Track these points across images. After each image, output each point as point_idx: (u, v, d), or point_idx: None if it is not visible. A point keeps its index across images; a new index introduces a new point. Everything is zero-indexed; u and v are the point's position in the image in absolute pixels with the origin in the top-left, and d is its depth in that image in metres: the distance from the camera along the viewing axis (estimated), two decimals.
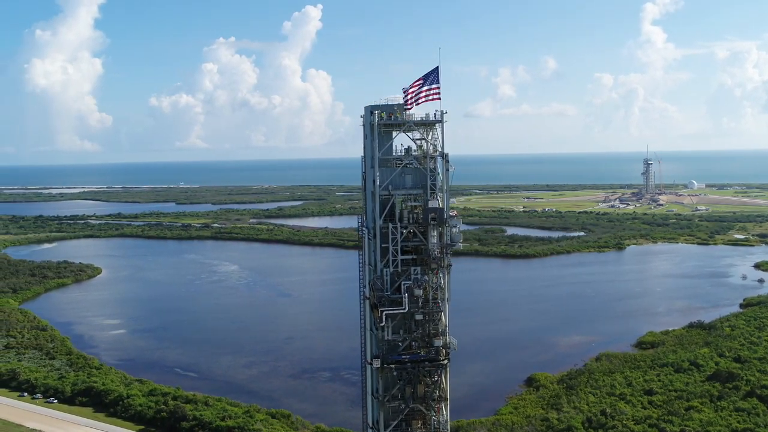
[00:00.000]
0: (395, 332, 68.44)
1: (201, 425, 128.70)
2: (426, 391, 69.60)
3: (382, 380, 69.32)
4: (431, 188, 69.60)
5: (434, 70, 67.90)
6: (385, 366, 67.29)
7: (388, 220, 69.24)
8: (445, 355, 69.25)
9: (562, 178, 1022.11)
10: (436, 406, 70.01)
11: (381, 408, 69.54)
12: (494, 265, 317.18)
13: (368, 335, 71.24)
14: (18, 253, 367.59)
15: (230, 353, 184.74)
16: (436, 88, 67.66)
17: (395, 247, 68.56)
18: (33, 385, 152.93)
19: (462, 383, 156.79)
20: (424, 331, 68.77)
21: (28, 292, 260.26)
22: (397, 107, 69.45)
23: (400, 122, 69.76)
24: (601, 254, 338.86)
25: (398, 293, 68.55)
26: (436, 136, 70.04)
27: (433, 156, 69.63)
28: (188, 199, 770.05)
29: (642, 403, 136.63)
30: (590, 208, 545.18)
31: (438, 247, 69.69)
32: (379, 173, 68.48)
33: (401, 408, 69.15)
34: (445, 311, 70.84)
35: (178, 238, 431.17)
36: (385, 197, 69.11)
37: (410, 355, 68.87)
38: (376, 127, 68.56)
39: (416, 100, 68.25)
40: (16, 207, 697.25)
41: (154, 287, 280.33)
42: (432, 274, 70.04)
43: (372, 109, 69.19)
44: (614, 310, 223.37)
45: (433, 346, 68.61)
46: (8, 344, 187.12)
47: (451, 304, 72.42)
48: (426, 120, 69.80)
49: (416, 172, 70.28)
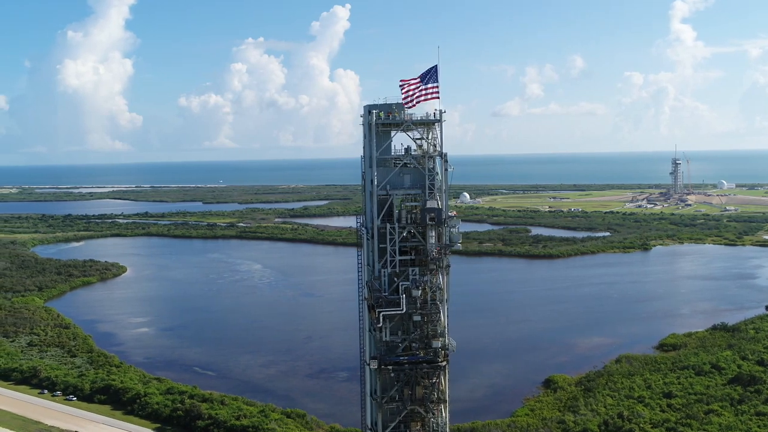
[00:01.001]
0: (393, 333, 68.03)
1: (216, 424, 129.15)
2: (424, 392, 69.02)
3: (380, 382, 68.91)
4: (430, 188, 68.99)
5: (432, 69, 67.32)
6: (382, 367, 66.82)
7: (386, 220, 68.78)
8: (443, 357, 68.55)
9: (589, 177, 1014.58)
10: (434, 408, 69.38)
11: (379, 409, 69.14)
12: (517, 266, 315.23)
13: (367, 336, 70.86)
14: (45, 252, 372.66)
15: (249, 352, 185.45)
16: (435, 87, 67.07)
17: (393, 247, 68.07)
18: (53, 383, 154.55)
19: (479, 384, 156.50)
20: (423, 333, 68.20)
21: (53, 290, 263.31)
22: (396, 106, 68.95)
23: (398, 122, 69.30)
24: (626, 255, 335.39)
25: (396, 294, 68.04)
26: (435, 136, 69.44)
27: (432, 156, 69.00)
28: (215, 199, 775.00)
29: (660, 406, 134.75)
30: (617, 208, 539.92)
31: (436, 248, 68.97)
32: (377, 173, 68.06)
33: (399, 410, 68.68)
34: (444, 312, 70.20)
35: (203, 237, 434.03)
36: (383, 197, 68.65)
37: (408, 357, 68.35)
38: (373, 126, 68.12)
39: (416, 99, 67.68)
40: (47, 206, 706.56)
41: (177, 286, 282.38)
42: (431, 275, 69.36)
43: (370, 108, 68.79)
44: (637, 311, 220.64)
45: (431, 347, 67.95)
46: (31, 342, 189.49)
47: (451, 304, 72.23)
48: (424, 119, 69.28)
49: (415, 172, 69.80)
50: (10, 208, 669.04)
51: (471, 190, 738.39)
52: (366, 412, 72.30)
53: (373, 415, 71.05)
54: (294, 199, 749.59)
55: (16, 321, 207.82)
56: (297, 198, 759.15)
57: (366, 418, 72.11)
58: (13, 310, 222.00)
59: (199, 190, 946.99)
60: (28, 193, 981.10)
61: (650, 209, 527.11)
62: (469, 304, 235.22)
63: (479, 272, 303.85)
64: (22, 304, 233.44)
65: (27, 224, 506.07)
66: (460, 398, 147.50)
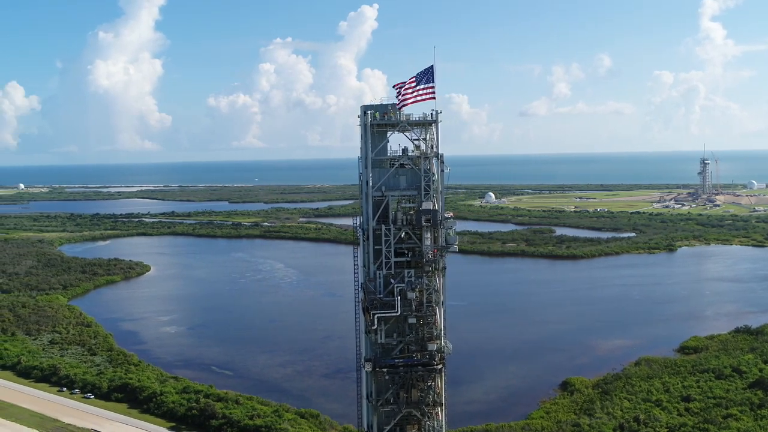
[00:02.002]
0: (389, 335, 67.58)
1: (230, 423, 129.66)
2: (420, 396, 68.43)
3: (375, 384, 68.50)
4: (426, 189, 68.46)
5: (429, 69, 66.78)
6: (377, 369, 66.41)
7: (382, 221, 68.33)
8: (439, 360, 67.91)
9: (617, 177, 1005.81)
10: (431, 412, 68.76)
11: (374, 412, 68.73)
12: (540, 266, 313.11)
13: (363, 338, 70.50)
14: (72, 250, 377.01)
15: (267, 352, 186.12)
16: (431, 88, 66.53)
17: (388, 249, 67.63)
18: (72, 381, 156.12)
19: (495, 386, 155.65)
20: (418, 335, 67.63)
21: (77, 289, 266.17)
22: (392, 107, 68.50)
23: (393, 122, 68.84)
24: (650, 256, 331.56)
25: (391, 296, 67.48)
26: (432, 137, 68.87)
27: (428, 157, 68.45)
28: (241, 198, 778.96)
29: (678, 409, 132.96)
30: (644, 208, 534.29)
31: (434, 250, 68.35)
32: (372, 174, 67.69)
33: (395, 412, 68.17)
34: (440, 315, 69.46)
35: (227, 236, 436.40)
36: (378, 198, 68.22)
37: (403, 359, 67.85)
38: (368, 127, 67.72)
39: (411, 99, 67.18)
40: (75, 205, 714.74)
41: (199, 285, 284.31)
42: (426, 277, 68.71)
43: (366, 108, 68.45)
44: (659, 313, 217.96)
45: (426, 350, 67.34)
46: (53, 339, 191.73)
47: (447, 307, 70.92)
48: (420, 120, 68.76)
49: (411, 173, 69.31)
50: (41, 207, 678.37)
51: (496, 190, 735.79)
52: (362, 414, 71.94)
53: (368, 418, 70.70)
54: (319, 198, 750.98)
55: (39, 319, 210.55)
56: (322, 198, 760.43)
57: (362, 420, 71.75)
58: (37, 308, 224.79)
59: (225, 190, 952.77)
60: (58, 192, 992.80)
61: (677, 210, 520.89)
62: (489, 305, 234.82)
63: (501, 273, 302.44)
64: (46, 302, 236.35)
65: (55, 223, 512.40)
66: (474, 400, 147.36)
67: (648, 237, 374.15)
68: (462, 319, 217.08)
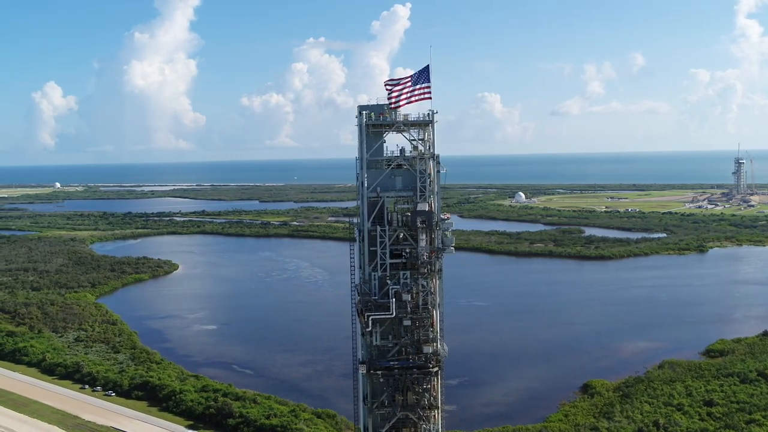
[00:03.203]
0: (384, 337, 67.02)
1: (246, 422, 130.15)
2: (415, 399, 67.77)
3: (370, 386, 68.04)
4: (421, 190, 67.82)
5: (425, 69, 66.11)
6: (371, 372, 65.95)
7: (377, 222, 67.82)
8: (435, 363, 67.16)
9: (650, 177, 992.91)
10: (427, 415, 68.03)
11: (369, 414, 68.28)
12: (567, 267, 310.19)
13: (359, 339, 70.05)
14: (103, 249, 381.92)
15: (288, 351, 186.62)
16: (427, 87, 65.84)
17: (383, 250, 67.08)
18: (94, 378, 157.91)
19: (515, 388, 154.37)
20: (413, 338, 67.00)
21: (105, 287, 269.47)
22: (387, 107, 67.92)
23: (389, 122, 68.19)
24: (680, 257, 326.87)
25: (386, 298, 66.91)
26: (429, 137, 68.20)
27: (423, 157, 67.79)
28: (272, 197, 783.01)
29: (700, 414, 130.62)
30: (676, 208, 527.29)
31: (431, 251, 67.65)
32: (368, 174, 67.20)
33: (390, 415, 67.60)
34: (436, 317, 68.69)
35: (256, 235, 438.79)
36: (373, 199, 67.74)
37: (398, 362, 67.27)
38: (363, 127, 67.28)
39: (407, 99, 66.55)
40: (109, 204, 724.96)
41: (225, 284, 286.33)
42: (422, 279, 67.98)
43: (362, 108, 68.02)
44: (686, 315, 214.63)
45: (422, 352, 66.70)
46: (78, 337, 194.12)
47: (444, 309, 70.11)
48: (416, 120, 68.09)
49: (407, 174, 68.65)
50: (75, 206, 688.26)
51: (527, 189, 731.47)
52: (359, 416, 71.54)
53: (364, 420, 70.26)
54: (349, 198, 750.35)
55: (66, 317, 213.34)
56: (352, 197, 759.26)
57: (359, 422, 71.35)
58: (65, 306, 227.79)
59: (257, 189, 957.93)
60: (92, 191, 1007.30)
61: (710, 210, 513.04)
62: (513, 305, 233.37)
63: (528, 273, 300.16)
64: (74, 300, 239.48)
65: (88, 222, 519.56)
66: (493, 402, 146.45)
67: (679, 238, 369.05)
68: (486, 319, 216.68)
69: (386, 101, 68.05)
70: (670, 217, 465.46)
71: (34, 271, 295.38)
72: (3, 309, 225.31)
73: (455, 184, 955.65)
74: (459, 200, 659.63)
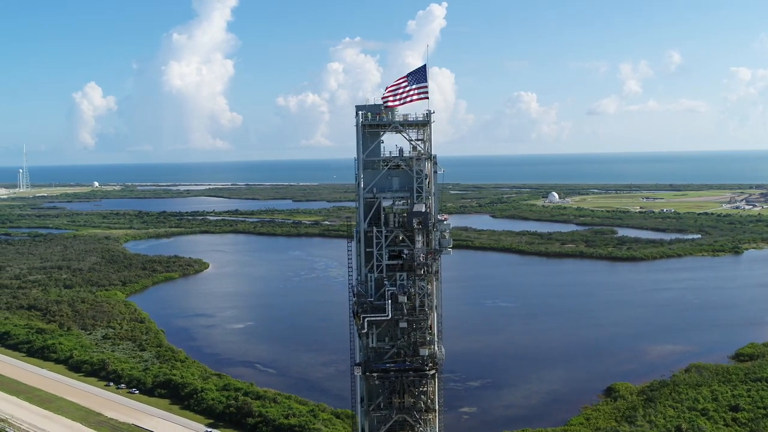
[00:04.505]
0: (380, 339, 66.44)
1: (265, 422, 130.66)
2: (413, 401, 67.05)
3: (366, 388, 67.50)
4: (418, 191, 67.13)
5: (421, 69, 65.39)
6: (367, 374, 65.39)
7: (374, 223, 67.26)
8: (432, 366, 66.35)
9: (688, 177, 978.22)
10: (424, 418, 67.27)
11: (366, 417, 67.74)
12: (598, 268, 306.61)
13: (356, 341, 69.52)
14: (136, 247, 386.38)
15: (312, 350, 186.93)
16: (424, 87, 65.11)
17: (380, 251, 66.50)
18: (119, 376, 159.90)
19: (537, 390, 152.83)
20: (410, 340, 66.29)
21: (136, 285, 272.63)
22: (385, 108, 67.30)
23: (385, 123, 67.58)
24: (714, 258, 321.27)
25: (383, 299, 66.29)
26: (427, 137, 67.40)
27: (420, 158, 67.06)
28: (305, 197, 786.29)
29: (725, 419, 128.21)
30: (712, 209, 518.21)
31: (424, 253, 66.87)
32: (364, 175, 66.65)
33: (386, 418, 66.97)
34: (434, 320, 67.92)
35: (287, 234, 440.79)
36: (370, 200, 67.17)
37: (394, 364, 66.57)
38: (359, 127, 66.76)
39: (402, 99, 65.87)
40: (145, 203, 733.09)
41: (254, 283, 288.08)
42: (419, 281, 67.16)
43: (359, 108, 67.51)
44: (717, 318, 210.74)
45: (418, 355, 65.94)
46: (106, 335, 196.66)
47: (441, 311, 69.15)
48: (413, 120, 67.38)
49: (404, 175, 67.99)
50: (112, 205, 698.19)
51: (561, 189, 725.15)
52: (357, 418, 71.02)
53: (361, 422, 69.74)
54: None
55: (95, 314, 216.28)
56: None
57: (357, 424, 70.86)
58: (95, 304, 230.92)
59: (290, 188, 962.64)
60: (129, 190, 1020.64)
61: (747, 211, 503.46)
62: (540, 306, 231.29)
63: (557, 274, 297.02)
64: (104, 298, 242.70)
65: (123, 220, 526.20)
66: (514, 404, 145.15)
67: (713, 239, 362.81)
68: (512, 320, 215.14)
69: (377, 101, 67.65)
70: (705, 218, 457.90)
71: (68, 269, 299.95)
72: (35, 306, 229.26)
73: (489, 184, 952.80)
74: (492, 200, 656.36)
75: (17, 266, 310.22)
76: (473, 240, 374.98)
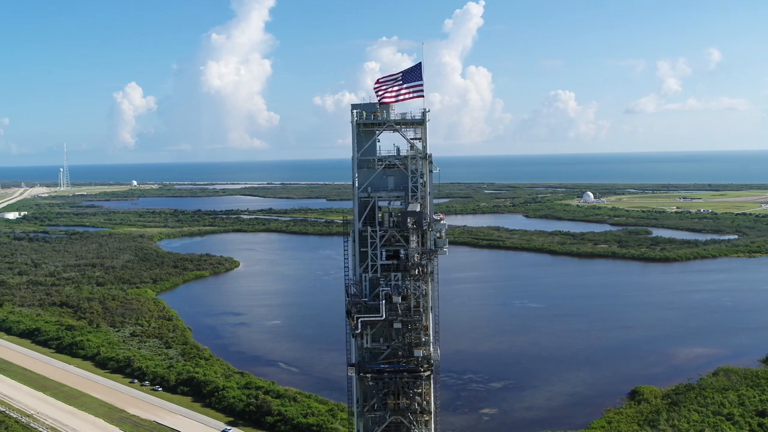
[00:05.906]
0: (375, 340, 65.93)
1: (284, 420, 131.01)
2: (407, 402, 66.41)
3: (361, 389, 67.02)
4: (413, 191, 66.41)
5: (416, 67, 64.64)
6: (361, 375, 64.93)
7: (368, 223, 66.76)
8: (427, 367, 65.64)
9: (727, 177, 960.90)
10: (419, 420, 66.57)
11: (360, 418, 67.29)
12: (630, 268, 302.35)
13: (352, 341, 69.04)
14: (169, 246, 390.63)
15: (336, 350, 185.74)
16: (419, 85, 64.40)
17: (374, 251, 65.98)
18: (144, 373, 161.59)
19: (560, 392, 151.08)
20: (405, 341, 65.66)
21: (166, 283, 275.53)
22: (381, 106, 66.66)
23: (380, 121, 66.98)
24: (751, 260, 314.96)
25: (377, 300, 65.75)
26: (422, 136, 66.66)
27: (415, 157, 66.36)
28: (339, 196, 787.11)
29: (751, 425, 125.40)
30: (751, 209, 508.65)
31: (418, 253, 66.16)
32: (359, 174, 66.20)
33: (381, 419, 66.40)
34: (429, 321, 67.14)
35: (319, 233, 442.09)
36: (364, 199, 66.71)
37: (389, 365, 65.98)
38: (354, 126, 66.31)
39: (395, 96, 65.20)
40: (182, 201, 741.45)
41: (283, 282, 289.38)
42: (414, 281, 66.41)
43: (354, 107, 67.06)
44: (749, 321, 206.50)
45: (413, 356, 65.27)
46: (134, 332, 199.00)
47: (438, 312, 68.37)
48: (408, 119, 66.72)
49: (399, 174, 67.36)
50: (148, 203, 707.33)
51: (597, 189, 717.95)
52: (354, 419, 70.52)
53: (356, 423, 69.28)
54: None
55: (124, 312, 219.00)
56: None
57: (354, 425, 70.39)
58: (125, 301, 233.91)
59: (325, 187, 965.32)
60: (167, 189, 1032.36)
61: None
62: (569, 307, 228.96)
63: (587, 275, 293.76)
64: (134, 295, 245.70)
65: (158, 219, 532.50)
66: (535, 406, 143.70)
67: (750, 240, 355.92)
68: (539, 321, 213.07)
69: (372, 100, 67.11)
70: (743, 218, 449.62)
71: (101, 267, 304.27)
72: (67, 303, 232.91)
73: (524, 183, 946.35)
74: (525, 200, 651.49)
75: (53, 263, 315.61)
76: (504, 240, 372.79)
